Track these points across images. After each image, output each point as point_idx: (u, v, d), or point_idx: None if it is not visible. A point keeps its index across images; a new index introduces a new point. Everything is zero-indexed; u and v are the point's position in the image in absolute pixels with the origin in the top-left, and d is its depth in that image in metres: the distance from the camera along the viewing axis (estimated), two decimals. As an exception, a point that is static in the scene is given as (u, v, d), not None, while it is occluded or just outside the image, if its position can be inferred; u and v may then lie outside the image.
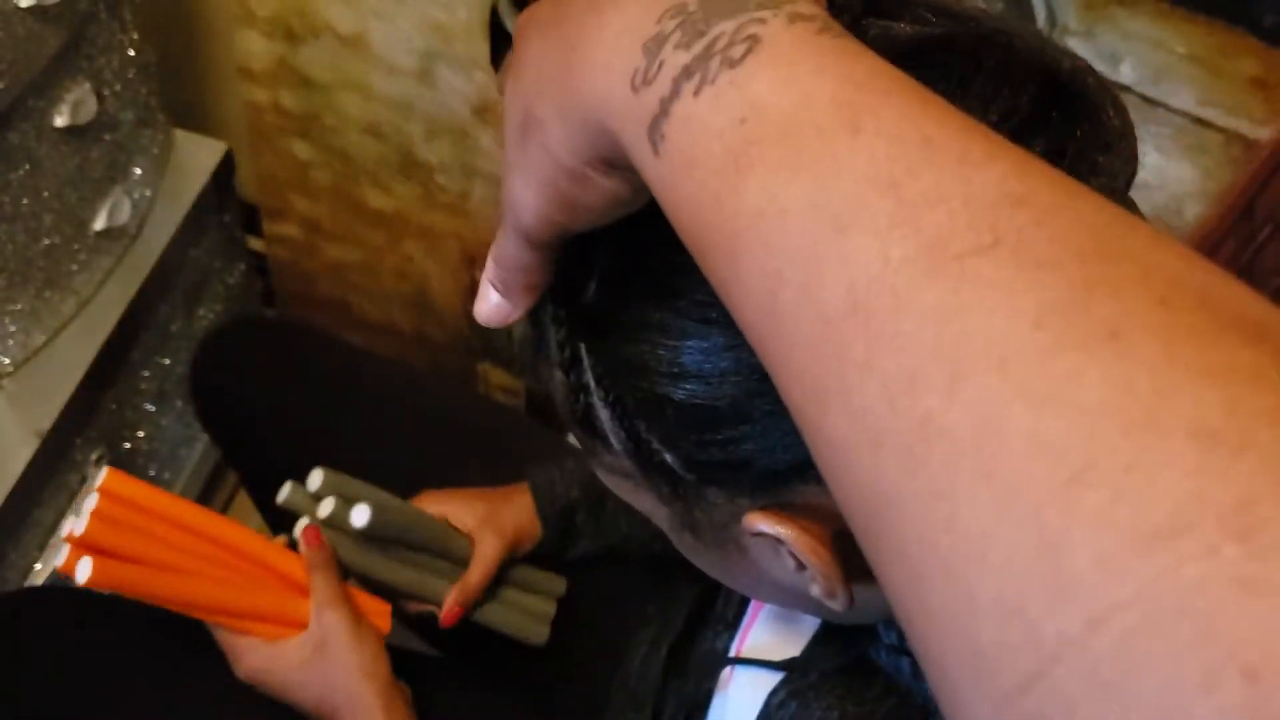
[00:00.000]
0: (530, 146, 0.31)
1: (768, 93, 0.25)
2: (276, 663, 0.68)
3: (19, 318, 0.90)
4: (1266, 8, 0.71)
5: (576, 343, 0.38)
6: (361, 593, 0.72)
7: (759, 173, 0.25)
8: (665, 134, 0.27)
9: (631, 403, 0.37)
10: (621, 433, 0.38)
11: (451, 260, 1.17)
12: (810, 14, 0.27)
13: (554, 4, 0.31)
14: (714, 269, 0.27)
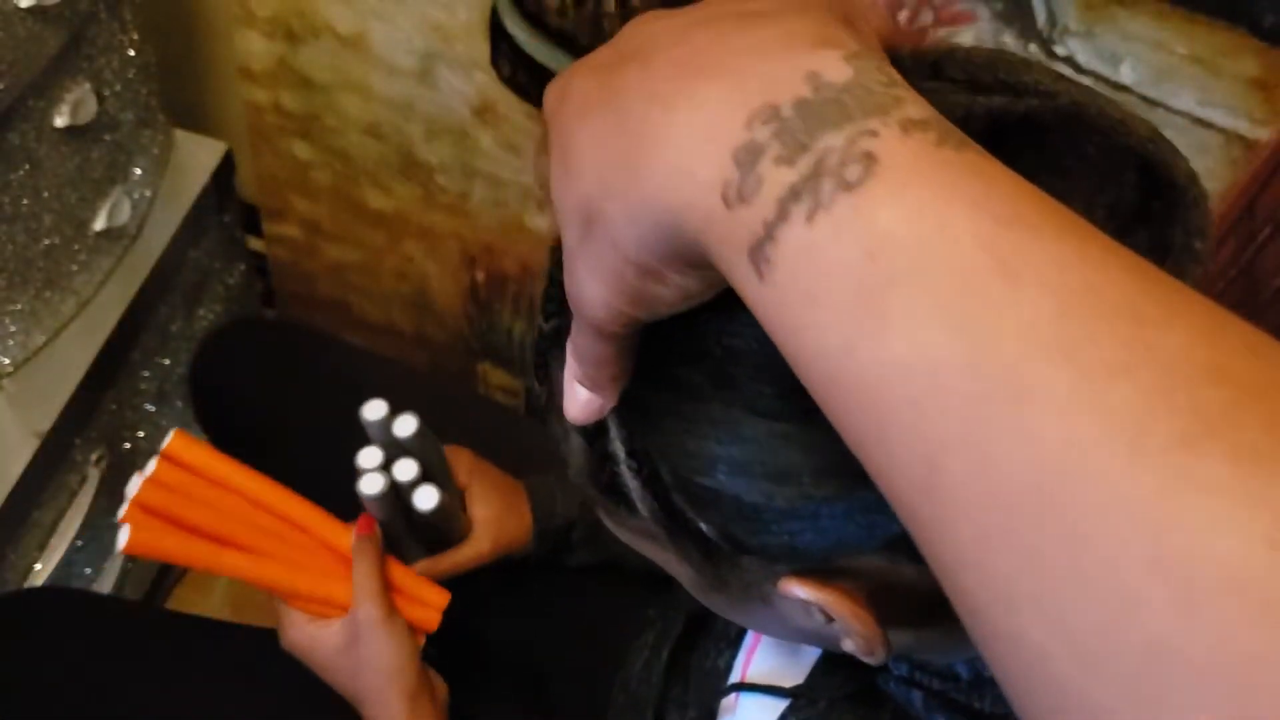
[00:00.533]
0: (595, 242, 0.29)
1: (897, 224, 0.23)
2: (315, 642, 0.69)
3: (19, 318, 0.90)
4: (1267, 8, 0.71)
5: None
6: (422, 583, 0.71)
7: (900, 320, 0.23)
8: (773, 260, 0.25)
9: (672, 481, 0.35)
10: (654, 505, 0.36)
11: (451, 261, 1.17)
12: (923, 119, 0.25)
13: (596, 83, 0.29)
14: (845, 420, 0.25)
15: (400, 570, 0.71)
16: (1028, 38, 0.78)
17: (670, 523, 0.36)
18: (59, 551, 0.97)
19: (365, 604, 0.68)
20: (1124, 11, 0.75)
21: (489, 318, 1.22)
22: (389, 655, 0.67)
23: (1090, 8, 0.75)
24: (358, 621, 0.68)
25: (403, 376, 0.93)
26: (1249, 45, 0.73)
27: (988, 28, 0.78)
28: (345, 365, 0.90)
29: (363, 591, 0.68)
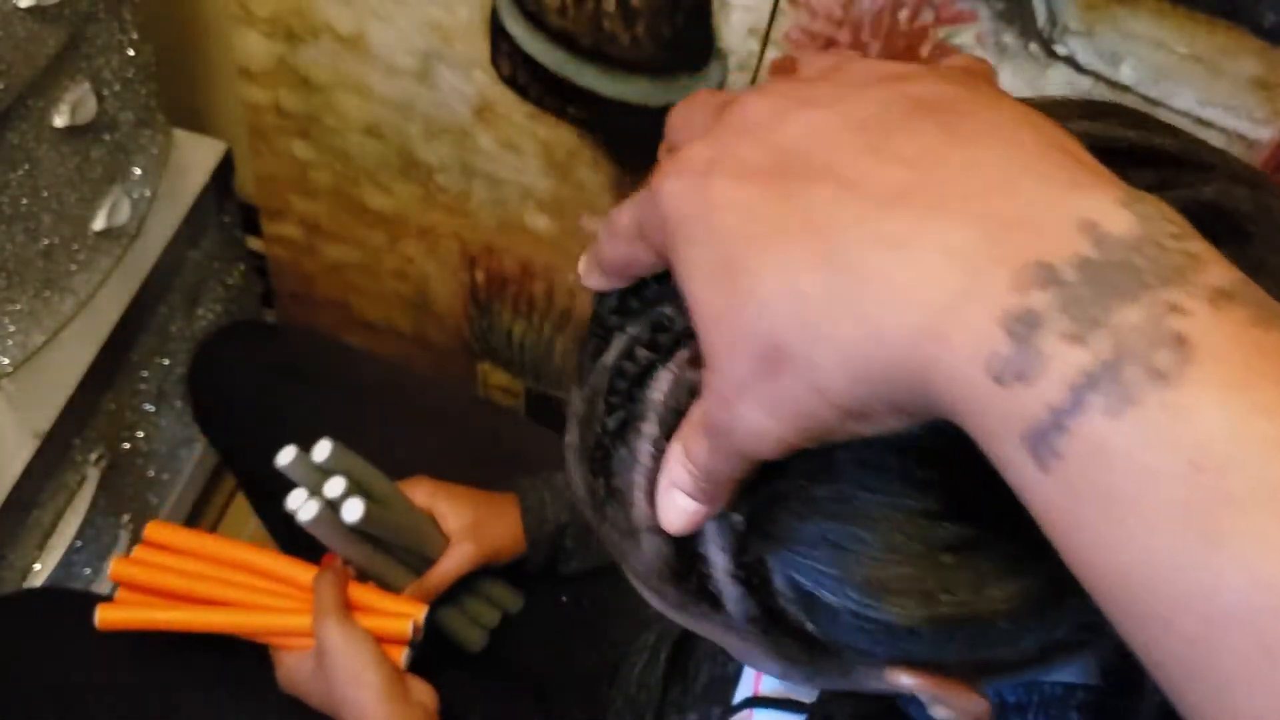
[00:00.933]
0: (783, 380, 0.26)
1: (1226, 430, 0.20)
2: (294, 673, 0.71)
3: (18, 318, 0.90)
4: (1268, 7, 0.71)
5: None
6: (394, 600, 0.73)
7: (1239, 547, 0.20)
8: (1063, 454, 0.22)
9: (790, 595, 0.33)
10: (758, 612, 0.34)
11: (451, 261, 1.17)
12: (1230, 287, 0.22)
13: (770, 197, 0.26)
14: (1149, 641, 0.22)
15: (370, 592, 0.73)
16: (1028, 37, 0.78)
17: (772, 626, 0.34)
18: (58, 551, 0.97)
19: (321, 621, 0.69)
20: (1124, 10, 0.75)
21: (489, 318, 1.22)
22: (352, 663, 0.68)
23: (1091, 7, 0.75)
24: (319, 638, 0.69)
25: (401, 377, 0.92)
26: (1250, 44, 0.73)
27: (988, 27, 0.78)
28: (343, 367, 0.90)
29: (319, 612, 0.69)
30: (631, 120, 0.95)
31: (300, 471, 0.70)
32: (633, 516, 0.34)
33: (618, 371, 0.34)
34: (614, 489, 0.35)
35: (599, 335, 0.36)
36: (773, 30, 0.84)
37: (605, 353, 0.35)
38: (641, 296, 0.35)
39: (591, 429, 0.35)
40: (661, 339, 0.33)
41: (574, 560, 0.79)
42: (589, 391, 0.36)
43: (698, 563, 0.34)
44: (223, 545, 0.74)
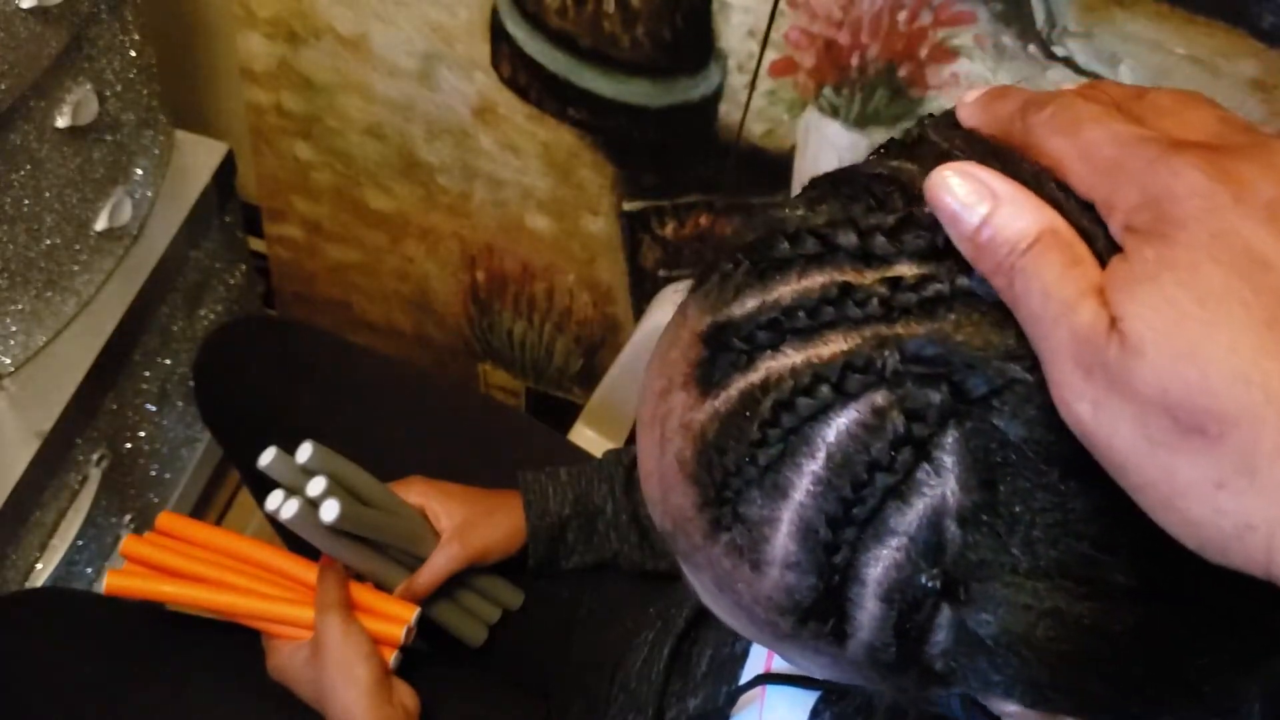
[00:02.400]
0: (1216, 457, 0.25)
1: None
2: (287, 662, 0.72)
3: (20, 318, 0.90)
4: (1266, 9, 0.71)
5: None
6: (390, 601, 0.74)
7: None
8: None
9: (947, 644, 0.32)
10: (894, 654, 0.33)
11: (452, 261, 1.17)
12: None
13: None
14: None
15: (369, 592, 0.74)
16: (1027, 38, 0.78)
17: (902, 665, 0.33)
18: (60, 551, 0.98)
19: (321, 615, 0.70)
20: (1123, 12, 0.75)
21: (489, 318, 1.22)
22: (345, 657, 0.69)
23: (1089, 8, 0.75)
24: (318, 632, 0.70)
25: (404, 375, 0.93)
26: (1248, 46, 0.73)
27: (987, 28, 0.79)
28: (348, 364, 0.91)
29: (322, 606, 0.71)
30: (631, 121, 0.95)
31: (281, 472, 0.70)
32: (765, 550, 0.32)
33: (784, 405, 0.31)
34: (744, 517, 0.33)
35: (750, 343, 0.32)
36: (772, 31, 0.84)
37: (753, 371, 0.32)
38: (823, 316, 0.31)
39: (726, 453, 0.32)
40: (853, 381, 0.30)
41: (575, 555, 0.80)
42: (726, 409, 0.32)
43: (845, 606, 0.32)
44: (230, 539, 0.75)
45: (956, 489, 0.30)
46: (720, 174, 0.96)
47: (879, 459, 0.30)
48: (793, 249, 0.32)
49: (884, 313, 0.30)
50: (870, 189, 0.33)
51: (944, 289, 0.30)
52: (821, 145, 0.91)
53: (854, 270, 0.31)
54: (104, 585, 0.72)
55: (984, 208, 0.28)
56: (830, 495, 0.31)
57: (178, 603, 0.74)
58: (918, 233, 0.31)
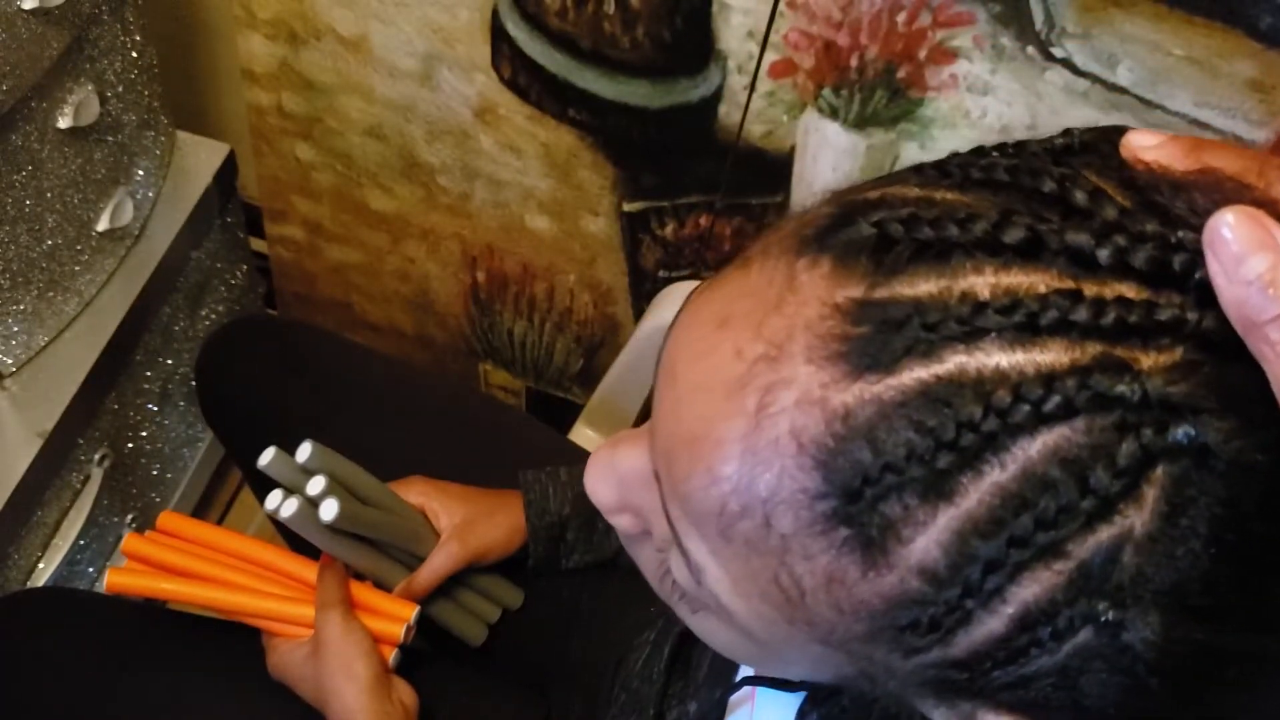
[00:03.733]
0: None
1: None
2: (287, 660, 0.72)
3: (22, 318, 0.91)
4: (1264, 9, 0.71)
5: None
6: (390, 600, 0.74)
7: None
8: None
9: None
10: (989, 665, 0.32)
11: (453, 261, 1.17)
12: None
13: None
14: None
15: (369, 591, 0.74)
16: (1025, 39, 0.78)
17: (968, 689, 0.33)
18: (62, 551, 0.98)
19: (321, 612, 0.71)
20: (1121, 13, 0.75)
21: (490, 318, 1.23)
22: (345, 654, 0.69)
23: (1088, 9, 0.76)
24: (318, 629, 0.71)
25: (405, 374, 0.93)
26: (1246, 46, 0.74)
27: (986, 29, 0.79)
28: (349, 363, 0.91)
29: (323, 604, 0.71)
30: (631, 122, 0.95)
31: (281, 471, 0.71)
32: (895, 554, 0.31)
33: (996, 409, 0.29)
34: (882, 515, 0.31)
35: (935, 331, 0.30)
36: (771, 33, 0.85)
37: (938, 362, 0.30)
38: (1043, 320, 0.29)
39: (884, 444, 0.30)
40: (1083, 397, 0.29)
41: (575, 555, 0.80)
42: (895, 397, 0.30)
43: (965, 623, 0.31)
44: (231, 538, 0.76)
45: (1147, 521, 0.29)
46: (720, 175, 0.97)
47: (1095, 486, 0.28)
48: (991, 232, 0.30)
49: (1115, 331, 0.29)
50: (1062, 185, 0.31)
51: (1181, 318, 0.29)
52: (821, 146, 0.91)
53: (1070, 276, 0.30)
54: (105, 583, 0.73)
55: (1270, 257, 0.27)
56: (1015, 512, 0.29)
57: (178, 600, 0.74)
58: (1149, 253, 0.29)
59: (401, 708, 0.70)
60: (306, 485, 0.70)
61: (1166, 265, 0.29)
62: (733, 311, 0.33)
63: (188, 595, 0.73)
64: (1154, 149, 0.32)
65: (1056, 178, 0.31)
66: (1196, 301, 0.29)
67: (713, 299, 0.35)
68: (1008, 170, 0.32)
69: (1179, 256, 0.29)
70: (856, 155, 0.90)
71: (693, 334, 0.35)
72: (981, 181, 0.32)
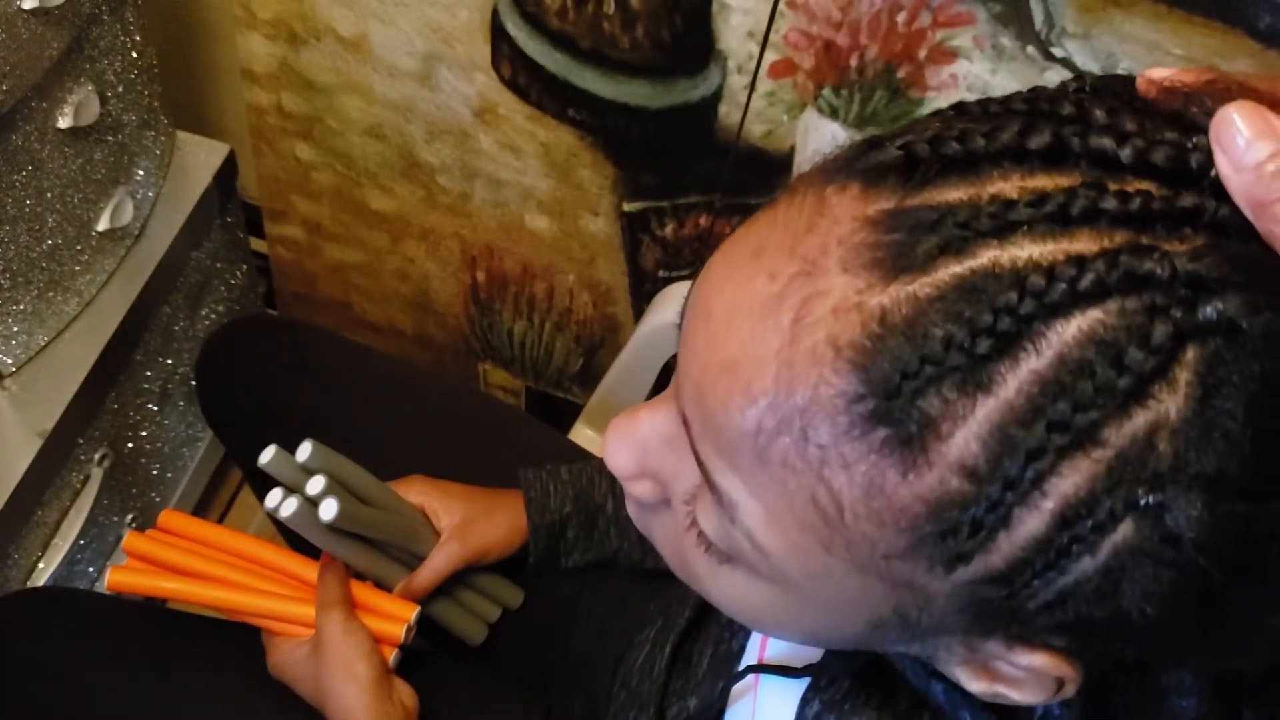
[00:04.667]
0: None
1: None
2: (287, 659, 0.72)
3: (22, 318, 0.91)
4: (1264, 9, 0.72)
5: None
6: (390, 600, 0.74)
7: None
8: None
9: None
10: (1027, 573, 0.32)
11: (453, 261, 1.17)
12: None
13: None
14: None
15: (369, 591, 0.74)
16: (1025, 39, 0.78)
17: (1004, 609, 0.34)
18: (62, 550, 0.98)
19: (322, 612, 0.71)
20: (1121, 13, 0.75)
21: (490, 318, 1.23)
22: (345, 654, 0.69)
23: (1087, 9, 0.76)
24: (319, 628, 0.71)
25: (405, 374, 0.93)
26: (1245, 47, 0.74)
27: (985, 29, 0.79)
28: (349, 363, 0.91)
29: (323, 603, 0.71)
30: (631, 122, 0.95)
31: (281, 470, 0.71)
32: (936, 450, 0.31)
33: (1032, 291, 0.30)
34: (923, 411, 0.31)
35: (968, 229, 0.31)
36: (771, 33, 0.85)
37: (972, 258, 0.31)
38: (1073, 210, 0.31)
39: (923, 339, 0.30)
40: (1116, 277, 0.29)
41: (575, 553, 0.80)
42: (931, 293, 0.30)
43: (1005, 522, 0.31)
44: (231, 537, 0.76)
45: (1182, 405, 0.29)
46: (720, 175, 0.97)
47: (1129, 364, 0.29)
48: (1018, 138, 0.31)
49: (1141, 218, 0.30)
50: (1080, 106, 0.33)
51: (1200, 206, 0.30)
52: (821, 146, 0.91)
53: (1093, 178, 0.31)
54: (106, 581, 0.73)
55: (1273, 143, 0.29)
56: (1053, 397, 0.30)
57: (179, 599, 0.74)
58: (1167, 151, 0.31)
59: (402, 708, 0.70)
60: (306, 484, 0.70)
61: (1183, 163, 0.31)
62: (765, 243, 0.34)
63: (188, 594, 0.73)
64: (1168, 75, 0.34)
65: (1074, 101, 0.33)
66: (1213, 193, 0.30)
67: (745, 237, 0.36)
68: (1025, 100, 0.34)
69: (1195, 155, 0.31)
70: (856, 155, 0.90)
71: (727, 269, 0.35)
72: (1001, 113, 0.34)
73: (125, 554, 0.75)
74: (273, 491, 0.70)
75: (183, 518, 0.77)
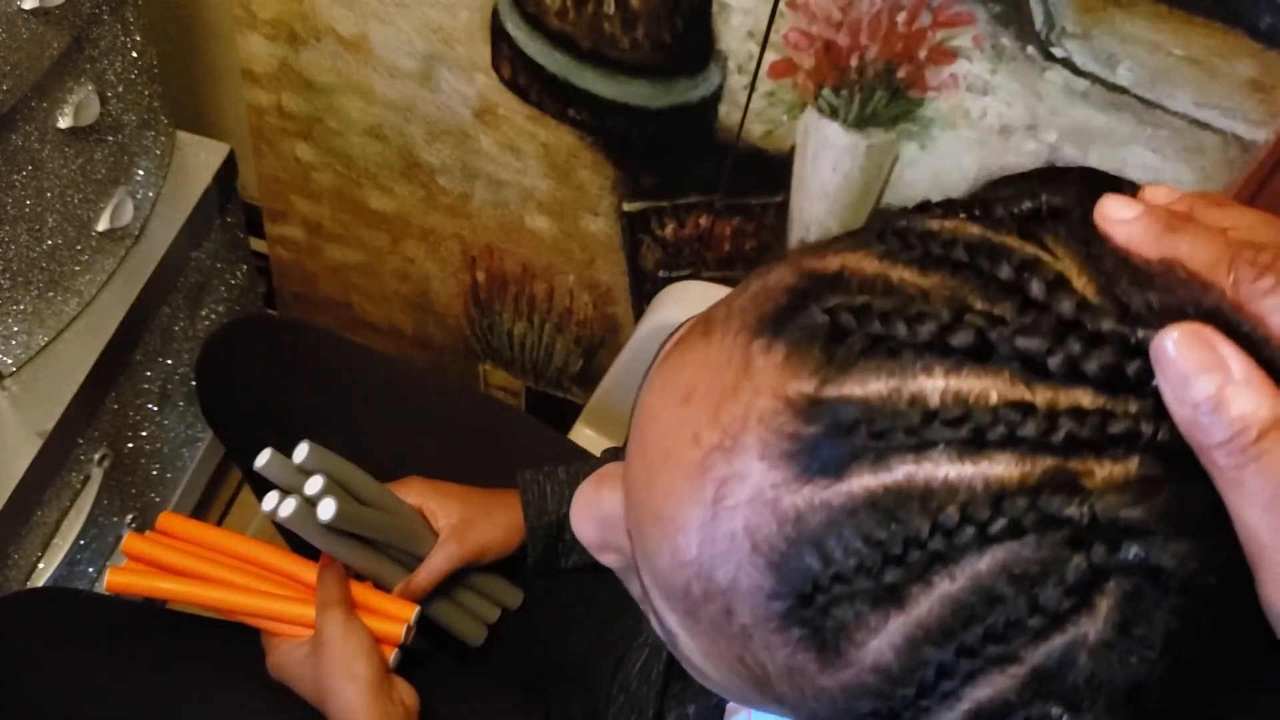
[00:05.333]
0: None
1: None
2: (287, 659, 0.72)
3: (22, 318, 0.91)
4: (1264, 9, 0.72)
5: None
6: (389, 600, 0.74)
7: None
8: None
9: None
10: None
11: (453, 261, 1.17)
12: None
13: None
14: None
15: (369, 591, 0.74)
16: (1025, 39, 0.78)
17: None
18: (62, 551, 0.98)
19: (322, 612, 0.71)
20: (1121, 13, 0.75)
21: (490, 318, 1.23)
22: (346, 653, 0.69)
23: (1088, 9, 0.76)
24: (319, 628, 0.71)
25: (405, 374, 0.93)
26: (1246, 46, 0.74)
27: (986, 30, 0.79)
28: (349, 363, 0.91)
29: (323, 603, 0.71)
30: (631, 122, 0.95)
31: (278, 473, 0.71)
32: (849, 654, 0.31)
33: (943, 527, 0.29)
34: (836, 619, 0.31)
35: (883, 440, 0.29)
36: (771, 33, 0.85)
37: (886, 471, 0.29)
38: (992, 434, 0.29)
39: (833, 554, 0.30)
40: (1031, 516, 0.28)
41: (574, 554, 0.80)
42: (843, 504, 0.30)
43: (920, 716, 0.31)
44: (231, 538, 0.76)
45: (1101, 629, 0.29)
46: (720, 175, 0.97)
47: (1044, 604, 0.29)
48: (940, 334, 0.29)
49: (1066, 445, 0.28)
50: (1019, 274, 0.30)
51: (1135, 431, 0.28)
52: (821, 146, 0.91)
53: (1022, 383, 0.29)
54: (105, 582, 0.73)
55: (1216, 379, 0.26)
56: (964, 622, 0.29)
57: (178, 600, 0.74)
58: (1101, 359, 0.28)
59: (402, 707, 0.70)
60: (304, 485, 0.70)
61: (1121, 373, 0.28)
62: (695, 387, 0.33)
63: (188, 595, 0.73)
64: (1125, 226, 0.31)
65: (1015, 265, 0.30)
66: (1154, 408, 0.28)
67: (680, 365, 0.35)
68: (968, 248, 0.31)
69: (1134, 364, 0.28)
70: (856, 155, 0.90)
71: (660, 403, 0.35)
72: (940, 260, 0.31)
73: (124, 555, 0.75)
74: (271, 493, 0.70)
75: (181, 520, 0.77)
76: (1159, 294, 0.29)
